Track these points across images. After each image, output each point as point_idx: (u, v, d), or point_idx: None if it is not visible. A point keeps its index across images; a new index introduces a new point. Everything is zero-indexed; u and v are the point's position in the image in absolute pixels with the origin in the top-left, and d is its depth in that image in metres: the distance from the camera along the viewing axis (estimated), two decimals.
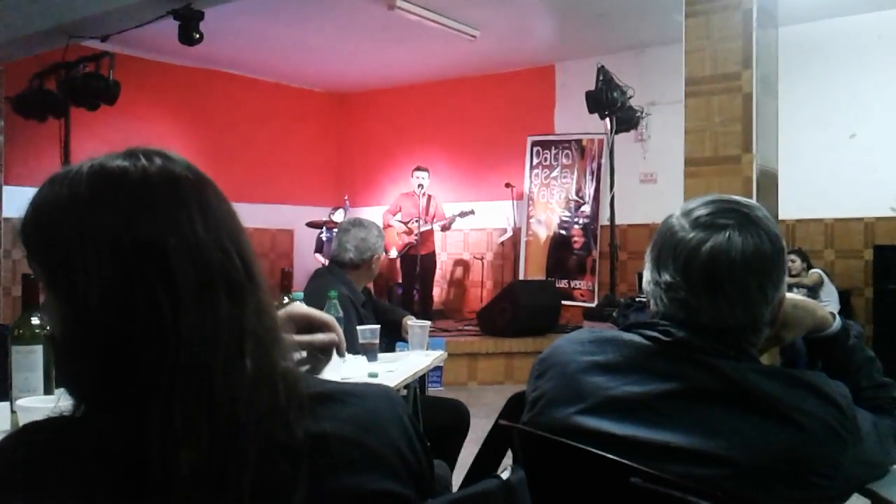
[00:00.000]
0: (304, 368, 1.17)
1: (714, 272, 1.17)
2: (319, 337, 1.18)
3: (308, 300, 2.69)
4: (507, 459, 1.40)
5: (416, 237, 7.97)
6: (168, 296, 0.73)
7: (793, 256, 6.47)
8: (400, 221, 8.21)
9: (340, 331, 1.21)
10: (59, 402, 0.79)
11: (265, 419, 0.74)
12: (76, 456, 0.73)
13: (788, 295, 1.30)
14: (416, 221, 7.97)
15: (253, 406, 0.74)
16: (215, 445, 0.71)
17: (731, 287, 1.17)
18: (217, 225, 0.78)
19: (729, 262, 1.17)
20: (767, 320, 1.22)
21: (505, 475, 0.90)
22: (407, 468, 0.85)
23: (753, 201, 1.27)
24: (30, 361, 1.52)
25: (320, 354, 1.20)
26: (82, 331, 0.75)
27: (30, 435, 0.77)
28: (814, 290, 6.24)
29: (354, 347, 2.72)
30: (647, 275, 1.27)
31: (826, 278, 6.38)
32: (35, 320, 1.55)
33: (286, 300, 2.27)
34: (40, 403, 1.40)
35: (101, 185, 0.76)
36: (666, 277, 1.22)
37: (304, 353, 1.18)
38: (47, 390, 1.54)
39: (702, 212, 1.22)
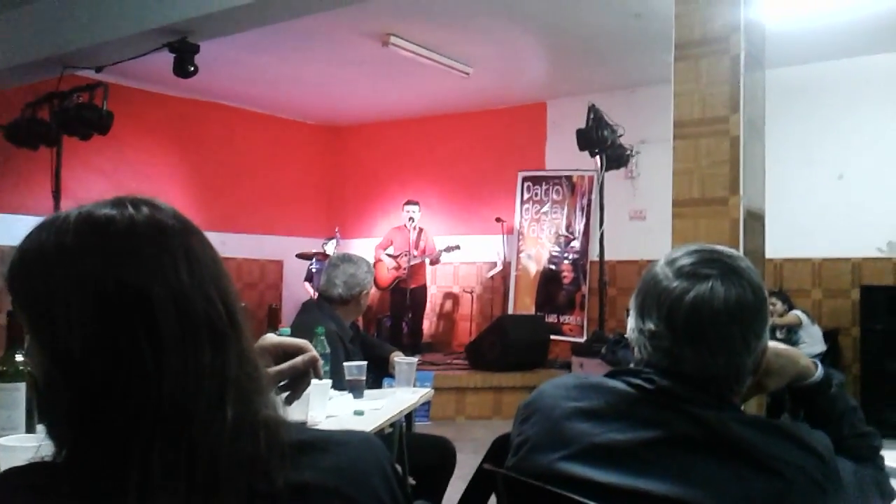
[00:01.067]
0: (285, 395, 1.17)
1: (697, 322, 1.18)
2: (297, 360, 1.18)
3: (295, 334, 2.68)
4: (492, 502, 1.40)
5: (404, 271, 7.97)
6: (151, 344, 0.73)
7: (773, 299, 6.48)
8: (389, 256, 8.22)
9: (314, 351, 1.21)
10: (42, 443, 0.79)
11: (245, 469, 0.74)
12: (49, 501, 0.73)
13: (771, 343, 1.31)
14: (406, 255, 7.99)
15: (233, 456, 0.74)
16: (193, 496, 0.71)
17: (714, 337, 1.18)
18: (202, 273, 0.79)
19: (712, 312, 1.18)
20: (750, 369, 1.23)
21: None
22: None
23: (736, 252, 1.28)
24: (13, 399, 1.51)
25: (299, 379, 1.19)
26: (64, 377, 0.75)
27: (10, 480, 0.77)
28: (792, 332, 6.23)
29: (341, 384, 2.72)
30: (631, 322, 1.28)
31: (807, 319, 6.35)
32: (19, 357, 1.55)
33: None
34: (22, 443, 1.39)
35: (87, 233, 0.77)
36: (650, 326, 1.23)
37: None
38: (29, 428, 1.53)
39: (685, 261, 1.23)
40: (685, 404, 1.18)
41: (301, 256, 8.83)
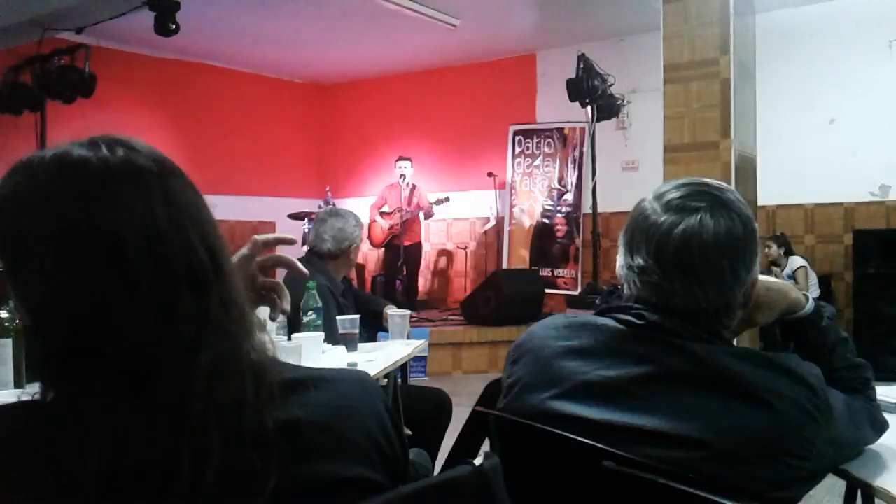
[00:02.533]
0: (267, 311, 1.19)
1: (686, 255, 1.17)
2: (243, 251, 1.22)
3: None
4: (487, 446, 1.40)
5: (398, 227, 7.96)
6: (125, 289, 0.72)
7: (769, 242, 6.51)
8: (383, 214, 8.20)
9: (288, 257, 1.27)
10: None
11: (231, 411, 0.74)
12: (30, 440, 0.73)
13: (761, 277, 1.30)
14: (399, 212, 7.97)
15: (213, 399, 0.73)
16: (155, 440, 0.70)
17: (704, 270, 1.17)
18: (181, 216, 0.77)
19: (701, 245, 1.16)
20: (740, 302, 1.22)
21: (478, 461, 0.89)
22: (380, 454, 0.85)
23: (725, 183, 1.26)
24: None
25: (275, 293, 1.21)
26: (42, 319, 0.75)
27: None
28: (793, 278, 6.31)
29: (334, 338, 2.71)
30: (620, 259, 1.27)
31: (808, 266, 6.43)
32: (4, 314, 1.53)
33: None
34: (10, 398, 1.37)
35: (60, 177, 0.75)
36: (639, 261, 1.21)
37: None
38: (17, 384, 1.52)
39: (674, 195, 1.21)
40: (675, 338, 1.17)
41: (293, 217, 8.79)
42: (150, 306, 0.73)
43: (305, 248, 8.48)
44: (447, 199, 8.03)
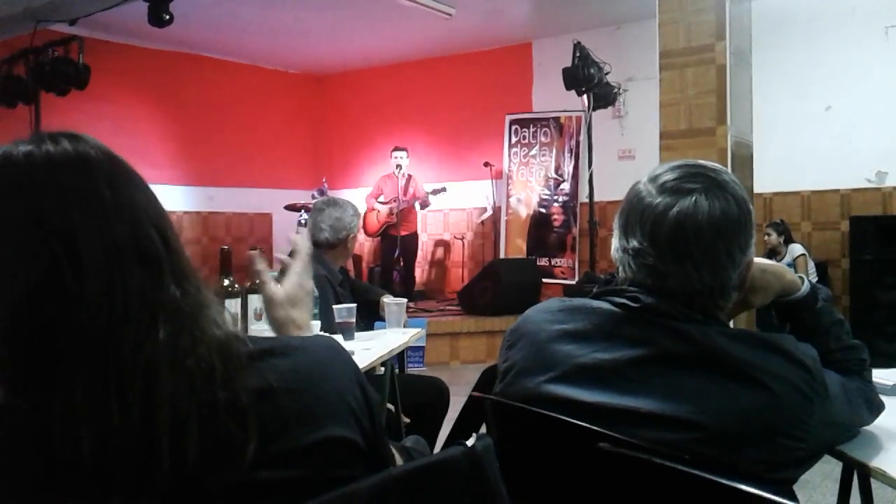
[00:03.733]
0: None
1: (681, 237, 1.16)
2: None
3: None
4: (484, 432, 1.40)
5: (394, 217, 7.96)
6: (74, 273, 0.73)
7: (769, 230, 6.51)
8: (383, 203, 8.19)
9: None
10: None
11: (201, 383, 0.75)
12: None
13: (756, 259, 1.30)
14: (395, 201, 7.97)
15: (181, 373, 0.74)
16: (127, 420, 0.71)
17: (699, 251, 1.16)
18: (129, 202, 0.79)
19: (696, 227, 1.16)
20: (735, 284, 1.22)
21: (470, 443, 0.89)
22: (354, 416, 0.85)
23: (720, 166, 1.26)
24: None
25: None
26: None
27: None
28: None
29: (331, 327, 2.71)
30: (615, 242, 1.26)
31: (806, 253, 6.44)
32: None
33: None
34: None
35: (4, 171, 0.77)
36: (634, 244, 1.21)
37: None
38: None
39: (668, 177, 1.21)
40: (670, 320, 1.17)
41: (290, 208, 8.78)
42: (102, 288, 0.74)
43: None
44: (444, 190, 8.03)
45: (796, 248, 6.45)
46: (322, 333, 1.11)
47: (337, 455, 0.82)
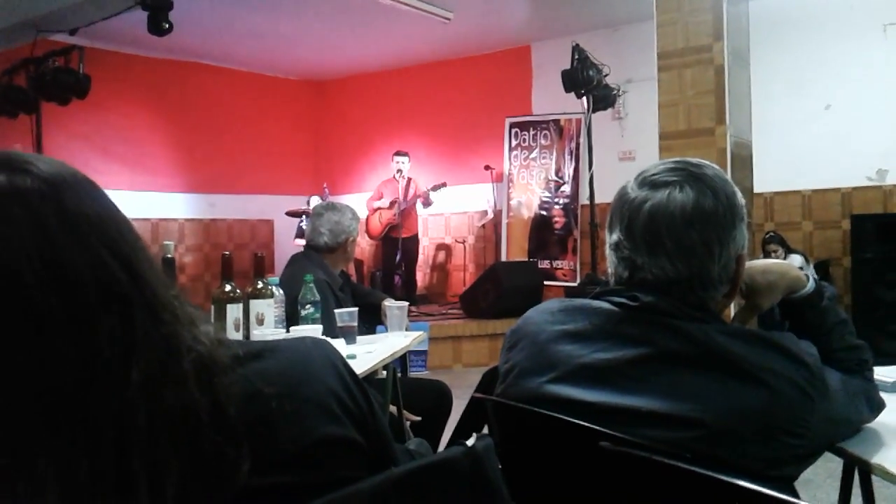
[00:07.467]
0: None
1: (653, 228, 1.18)
2: None
3: (284, 285, 2.68)
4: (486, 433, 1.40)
5: (395, 217, 7.97)
6: (32, 322, 0.66)
7: (774, 245, 6.47)
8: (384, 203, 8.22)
9: None
10: None
11: (180, 415, 0.70)
12: None
13: (757, 261, 1.30)
14: (397, 203, 7.99)
15: (158, 408, 0.69)
16: (97, 467, 0.66)
17: (671, 241, 1.18)
18: (83, 233, 0.70)
19: (668, 217, 1.17)
20: (719, 278, 1.22)
21: (471, 443, 0.89)
22: (347, 412, 0.84)
23: (707, 161, 1.27)
24: None
25: None
26: None
27: None
28: None
29: (333, 331, 2.72)
30: (606, 240, 1.28)
31: (805, 262, 6.40)
32: None
33: (260, 284, 2.25)
34: None
35: None
36: (614, 238, 1.24)
37: None
38: None
39: (650, 172, 1.23)
40: (669, 319, 1.17)
41: (291, 214, 8.80)
42: (64, 337, 0.67)
43: (297, 241, 8.39)
44: (444, 185, 8.03)
45: (796, 260, 6.40)
46: (307, 334, 1.09)
47: (336, 455, 0.81)
